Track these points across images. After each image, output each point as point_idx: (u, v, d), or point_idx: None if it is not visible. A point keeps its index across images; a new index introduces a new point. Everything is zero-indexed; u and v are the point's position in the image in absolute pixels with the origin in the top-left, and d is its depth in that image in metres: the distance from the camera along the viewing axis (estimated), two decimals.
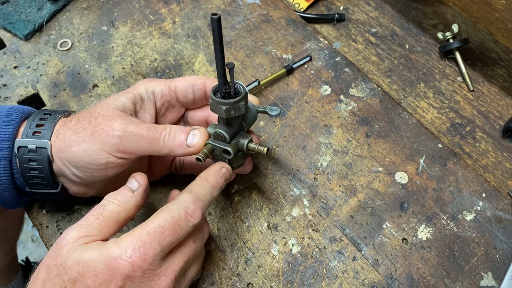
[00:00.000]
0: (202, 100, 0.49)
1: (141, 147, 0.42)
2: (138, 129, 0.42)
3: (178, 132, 0.42)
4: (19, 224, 0.94)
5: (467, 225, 0.51)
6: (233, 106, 0.41)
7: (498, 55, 0.67)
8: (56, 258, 0.37)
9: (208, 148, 0.42)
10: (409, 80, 0.65)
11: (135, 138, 0.41)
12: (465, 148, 0.59)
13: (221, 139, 0.43)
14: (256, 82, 0.59)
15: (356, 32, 0.69)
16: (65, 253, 0.37)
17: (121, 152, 0.42)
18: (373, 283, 0.48)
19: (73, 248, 0.37)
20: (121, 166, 0.44)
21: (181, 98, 0.48)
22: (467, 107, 0.62)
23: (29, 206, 0.53)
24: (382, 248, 0.50)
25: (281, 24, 0.67)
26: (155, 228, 0.37)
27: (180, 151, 0.42)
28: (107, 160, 0.42)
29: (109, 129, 0.41)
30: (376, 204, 0.53)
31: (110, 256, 0.36)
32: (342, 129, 0.58)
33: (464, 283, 0.48)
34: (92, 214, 0.39)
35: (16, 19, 0.66)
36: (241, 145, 0.44)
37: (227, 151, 0.43)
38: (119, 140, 0.41)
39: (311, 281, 0.48)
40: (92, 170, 0.43)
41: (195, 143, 0.42)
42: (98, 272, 0.36)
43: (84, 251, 0.37)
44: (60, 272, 0.37)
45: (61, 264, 0.37)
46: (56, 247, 0.38)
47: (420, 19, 0.71)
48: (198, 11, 0.69)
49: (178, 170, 0.53)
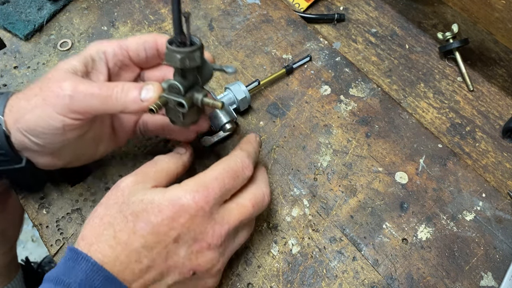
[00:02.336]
0: (154, 57, 0.48)
1: (94, 106, 0.41)
2: (89, 87, 0.41)
3: (131, 88, 0.41)
4: (19, 223, 0.94)
5: (467, 225, 0.51)
6: (188, 55, 0.40)
7: (498, 55, 0.67)
8: (117, 198, 0.40)
9: (162, 100, 0.41)
10: (409, 80, 0.65)
11: (86, 96, 0.41)
12: (465, 148, 0.59)
13: (175, 92, 0.42)
14: (256, 82, 0.59)
15: (356, 32, 0.69)
16: (127, 194, 0.40)
17: (74, 112, 0.41)
18: (373, 283, 0.48)
19: (135, 190, 0.40)
20: (80, 128, 0.43)
21: (134, 56, 0.47)
22: (467, 107, 0.62)
23: (29, 206, 0.53)
24: (382, 248, 0.50)
25: (281, 24, 0.67)
26: (216, 174, 0.41)
27: (134, 106, 0.41)
28: (63, 123, 0.41)
29: (59, 90, 0.41)
30: (376, 204, 0.53)
31: (175, 196, 0.39)
32: (342, 129, 0.58)
33: (464, 283, 0.48)
34: (146, 166, 0.43)
35: (16, 19, 0.66)
36: (196, 99, 0.43)
37: (181, 103, 0.42)
38: (70, 100, 0.40)
39: (311, 281, 0.48)
40: (51, 135, 0.42)
41: (149, 97, 0.41)
42: (162, 208, 0.38)
43: (148, 192, 0.39)
44: (122, 208, 0.39)
45: (124, 202, 0.39)
46: (114, 190, 0.40)
47: (420, 19, 0.71)
48: (198, 11, 0.69)
49: (143, 133, 0.52)
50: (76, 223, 0.51)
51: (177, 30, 0.40)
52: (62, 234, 0.51)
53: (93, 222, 0.39)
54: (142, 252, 0.38)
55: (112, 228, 0.38)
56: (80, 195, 0.53)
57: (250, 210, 0.43)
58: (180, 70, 0.42)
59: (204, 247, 0.40)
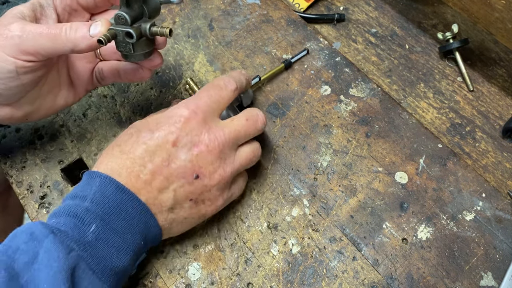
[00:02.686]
0: (103, 1, 0.48)
1: (44, 45, 0.41)
2: (37, 27, 0.42)
3: (80, 25, 0.42)
4: (19, 223, 0.94)
5: (467, 225, 0.51)
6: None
7: (498, 55, 0.67)
8: (134, 125, 0.46)
9: (111, 32, 0.42)
10: (409, 80, 0.65)
11: (35, 36, 0.41)
12: (465, 148, 0.59)
13: (122, 22, 0.43)
14: (257, 78, 0.60)
15: (356, 32, 0.69)
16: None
17: (24, 53, 0.41)
18: (373, 283, 0.48)
19: None
20: (34, 72, 0.43)
21: (82, 1, 0.48)
22: (467, 107, 0.62)
23: (29, 205, 0.53)
24: (382, 248, 0.50)
25: (281, 24, 0.67)
26: (202, 89, 0.47)
27: (84, 42, 0.42)
28: (15, 65, 0.41)
29: (7, 32, 0.41)
30: (376, 204, 0.53)
31: (171, 110, 0.45)
32: (342, 129, 0.58)
33: (464, 283, 0.48)
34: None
35: None
36: (144, 29, 0.43)
37: (129, 33, 0.42)
38: (19, 40, 0.41)
39: (311, 281, 0.48)
40: (5, 80, 0.42)
41: (97, 31, 0.42)
42: (160, 120, 0.44)
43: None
44: (128, 130, 0.46)
45: (132, 126, 0.46)
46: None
47: (420, 19, 0.71)
48: (198, 11, 0.69)
49: (100, 81, 0.53)
50: None
51: None
52: None
53: (106, 149, 0.45)
54: (145, 157, 0.42)
55: (119, 146, 0.43)
56: None
57: (244, 123, 0.46)
58: (124, 0, 0.43)
59: (203, 150, 0.43)
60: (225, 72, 0.63)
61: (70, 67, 0.51)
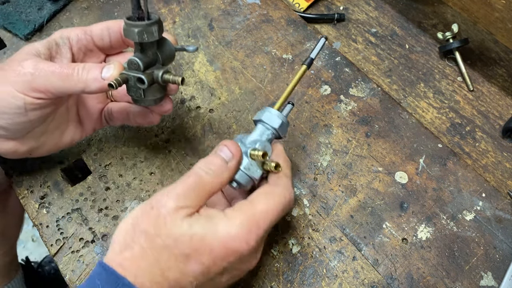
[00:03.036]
0: (118, 43, 0.48)
1: (55, 84, 0.41)
2: (50, 65, 0.41)
3: (92, 67, 0.42)
4: (19, 223, 0.94)
5: (467, 225, 0.51)
6: (146, 29, 0.40)
7: (498, 55, 0.67)
8: (159, 227, 0.36)
9: (122, 77, 0.41)
10: (409, 80, 0.65)
11: (47, 74, 0.41)
12: (465, 148, 0.59)
13: (134, 68, 0.42)
14: (291, 105, 0.48)
15: (356, 32, 0.69)
16: (170, 223, 0.36)
17: (35, 90, 0.41)
18: (373, 283, 0.48)
19: (178, 221, 0.37)
20: (42, 109, 0.43)
21: (98, 41, 0.48)
22: (467, 107, 0.62)
23: (29, 205, 0.53)
24: (382, 248, 0.50)
25: (281, 24, 0.67)
26: (268, 209, 0.39)
27: (95, 85, 0.41)
28: (24, 101, 0.41)
29: (20, 68, 0.41)
30: (376, 204, 0.53)
31: (227, 235, 0.37)
32: (342, 129, 0.58)
33: (464, 283, 0.48)
34: (189, 183, 0.38)
35: (16, 19, 0.66)
36: (156, 75, 0.43)
37: (141, 79, 0.42)
38: (30, 77, 0.41)
39: (311, 281, 0.48)
40: (13, 115, 0.42)
41: (109, 75, 0.41)
42: (213, 248, 0.36)
43: (194, 224, 0.37)
44: (169, 244, 0.36)
45: (169, 236, 0.36)
46: (154, 215, 0.37)
47: (420, 19, 0.71)
48: (198, 11, 0.69)
49: (109, 121, 0.52)
50: (76, 222, 0.51)
51: (134, 5, 0.40)
52: (62, 233, 0.51)
53: (132, 250, 0.36)
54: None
55: (159, 265, 0.36)
56: (80, 194, 0.53)
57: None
58: (139, 46, 0.42)
59: (244, 271, 0.41)
60: (225, 72, 0.63)
61: (80, 105, 0.51)
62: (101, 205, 0.53)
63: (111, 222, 0.51)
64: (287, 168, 0.44)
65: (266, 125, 0.45)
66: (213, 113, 0.59)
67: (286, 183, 0.42)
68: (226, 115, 0.59)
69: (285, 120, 0.46)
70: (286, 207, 0.41)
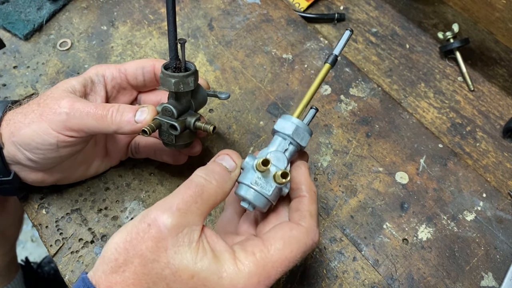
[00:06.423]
0: (152, 81, 0.49)
1: (89, 124, 0.42)
2: (85, 106, 0.42)
3: (126, 109, 0.42)
4: (19, 224, 0.94)
5: (468, 225, 0.51)
6: (182, 80, 0.41)
7: (498, 55, 0.67)
8: (158, 252, 0.33)
9: (155, 122, 0.42)
10: (410, 80, 0.64)
11: (82, 114, 0.42)
12: (465, 148, 0.59)
13: (168, 115, 0.43)
14: (314, 109, 0.44)
15: (356, 32, 0.69)
16: (172, 250, 0.33)
17: (69, 129, 0.42)
18: (373, 283, 0.48)
19: (181, 248, 0.33)
20: (73, 146, 0.44)
21: (132, 80, 0.48)
22: (468, 107, 0.62)
23: (28, 206, 0.52)
24: (383, 248, 0.50)
25: (281, 24, 0.67)
26: (282, 259, 0.34)
27: (128, 127, 0.42)
28: (57, 139, 0.42)
29: (56, 107, 0.42)
30: (376, 204, 0.53)
31: (231, 285, 0.33)
32: (342, 129, 0.58)
33: (465, 283, 0.48)
34: (189, 196, 0.34)
35: (16, 18, 0.66)
36: (188, 123, 0.44)
37: (174, 126, 0.43)
38: (66, 117, 0.41)
39: (311, 281, 0.48)
40: (44, 151, 0.43)
41: (143, 119, 0.42)
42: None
43: (199, 260, 0.33)
44: (166, 276, 0.33)
45: (168, 265, 0.32)
46: (152, 235, 0.33)
47: (420, 18, 0.71)
48: (198, 11, 0.68)
49: (134, 154, 0.53)
50: (76, 223, 0.51)
51: (172, 56, 0.41)
52: (61, 234, 0.51)
53: (124, 274, 0.33)
54: None
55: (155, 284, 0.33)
56: (79, 195, 0.53)
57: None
58: (174, 94, 0.43)
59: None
60: (225, 71, 0.62)
61: (108, 139, 0.51)
62: (100, 205, 0.52)
63: (111, 223, 0.51)
64: (311, 202, 0.37)
65: (282, 135, 0.40)
66: (213, 113, 0.59)
67: (310, 225, 0.36)
68: (226, 115, 0.59)
69: (301, 124, 0.39)
70: (307, 253, 0.36)
